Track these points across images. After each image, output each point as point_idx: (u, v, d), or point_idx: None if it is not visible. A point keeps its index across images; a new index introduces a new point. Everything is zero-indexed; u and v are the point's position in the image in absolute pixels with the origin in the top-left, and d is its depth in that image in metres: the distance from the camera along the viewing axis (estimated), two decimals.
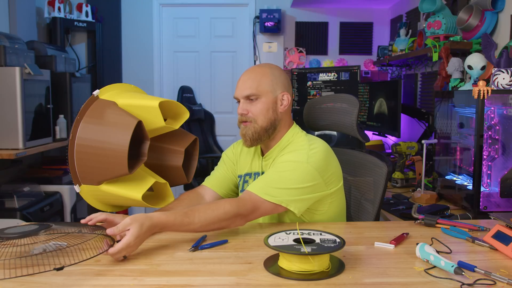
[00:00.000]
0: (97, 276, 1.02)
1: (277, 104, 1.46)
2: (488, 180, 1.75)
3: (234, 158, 1.65)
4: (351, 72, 3.53)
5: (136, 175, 1.40)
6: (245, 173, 1.58)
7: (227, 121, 4.42)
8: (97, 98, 1.38)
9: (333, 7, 4.27)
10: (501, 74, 1.75)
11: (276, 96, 1.46)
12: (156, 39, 4.33)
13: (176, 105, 1.47)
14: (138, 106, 1.38)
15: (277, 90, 1.46)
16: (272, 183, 1.36)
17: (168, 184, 1.49)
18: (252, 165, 1.57)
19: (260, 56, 4.27)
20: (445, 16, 2.58)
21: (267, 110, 1.44)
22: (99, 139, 1.31)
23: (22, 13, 3.30)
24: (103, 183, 1.34)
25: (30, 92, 2.73)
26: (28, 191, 2.83)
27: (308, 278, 1.00)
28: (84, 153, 1.32)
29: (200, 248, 1.19)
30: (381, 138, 3.47)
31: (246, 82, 1.45)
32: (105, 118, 1.34)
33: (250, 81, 1.44)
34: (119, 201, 1.44)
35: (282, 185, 1.35)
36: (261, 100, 1.44)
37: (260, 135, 1.45)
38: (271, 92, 1.45)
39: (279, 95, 1.46)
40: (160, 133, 1.50)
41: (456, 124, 2.01)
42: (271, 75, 1.46)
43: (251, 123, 1.44)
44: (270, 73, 1.46)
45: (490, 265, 1.09)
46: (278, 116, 1.46)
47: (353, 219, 1.70)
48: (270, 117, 1.44)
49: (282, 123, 1.49)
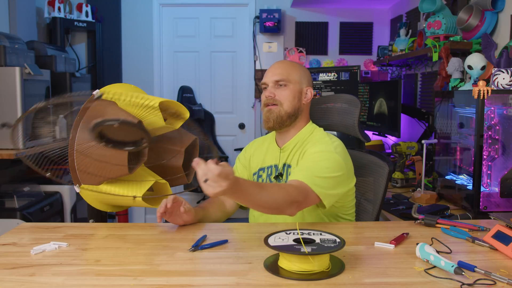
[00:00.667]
0: (97, 276, 1.02)
1: (301, 95, 1.56)
2: (488, 180, 1.75)
3: (245, 161, 1.71)
4: (351, 72, 3.53)
5: (136, 175, 1.40)
6: (259, 168, 1.63)
7: (227, 121, 4.42)
8: (97, 98, 1.38)
9: (333, 7, 4.27)
10: (501, 74, 1.75)
11: (302, 88, 1.57)
12: (156, 39, 4.33)
13: (176, 105, 1.47)
14: (138, 106, 1.37)
15: (303, 83, 1.57)
16: (314, 172, 1.39)
17: (168, 184, 1.49)
18: (266, 159, 1.63)
19: (260, 56, 4.27)
20: (445, 16, 2.58)
21: (293, 97, 1.54)
22: None
23: (22, 13, 3.30)
24: (103, 183, 1.34)
25: (30, 92, 2.73)
26: (28, 191, 2.83)
27: (308, 278, 1.00)
28: (84, 153, 1.32)
29: (200, 248, 1.19)
30: (381, 138, 3.47)
31: (277, 69, 1.56)
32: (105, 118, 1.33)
33: (280, 69, 1.56)
34: (119, 201, 1.44)
35: (320, 173, 1.39)
36: (289, 87, 1.54)
37: (283, 119, 1.53)
38: (298, 83, 1.56)
39: (304, 88, 1.57)
40: (160, 133, 1.50)
41: (456, 124, 2.01)
42: (300, 69, 1.59)
43: (277, 106, 1.53)
44: (299, 67, 1.59)
45: (490, 265, 1.09)
46: (301, 107, 1.56)
47: None
48: (295, 104, 1.54)
49: (303, 115, 1.58)
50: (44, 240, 1.23)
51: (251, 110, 4.38)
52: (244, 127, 4.43)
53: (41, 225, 1.42)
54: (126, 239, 1.29)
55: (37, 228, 1.39)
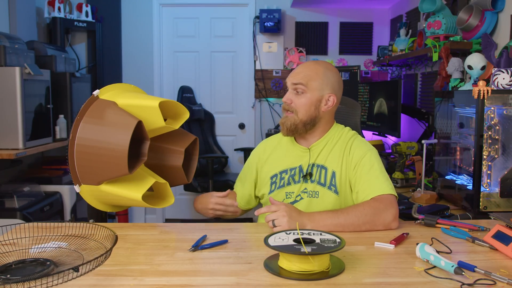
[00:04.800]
0: (97, 276, 1.02)
1: (321, 103, 1.54)
2: (488, 180, 1.75)
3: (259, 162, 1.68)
4: (351, 72, 3.53)
5: (136, 175, 1.40)
6: (280, 171, 1.60)
7: (227, 121, 4.42)
8: (97, 98, 1.38)
9: (333, 7, 4.27)
10: (501, 74, 1.75)
11: (322, 96, 1.53)
12: (156, 39, 4.33)
13: (176, 105, 1.47)
14: (138, 106, 1.37)
15: (325, 90, 1.53)
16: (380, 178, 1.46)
17: (168, 184, 1.49)
18: (287, 161, 1.60)
19: (260, 56, 4.27)
20: (445, 16, 2.58)
21: (310, 106, 1.52)
22: (99, 139, 1.31)
23: (22, 13, 3.30)
24: (103, 183, 1.33)
25: (30, 92, 2.73)
26: (28, 191, 2.83)
27: (308, 278, 1.00)
28: (84, 153, 1.32)
29: (200, 248, 1.19)
30: (381, 138, 3.47)
31: (299, 73, 1.53)
32: (105, 118, 1.34)
33: (302, 74, 1.53)
34: (119, 201, 1.44)
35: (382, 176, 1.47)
36: (306, 95, 1.52)
37: (297, 127, 1.53)
38: (318, 91, 1.53)
39: (325, 95, 1.54)
40: (160, 133, 1.50)
41: (456, 124, 2.00)
42: (323, 75, 1.53)
43: (292, 114, 1.53)
44: (322, 73, 1.54)
45: (490, 265, 1.09)
46: (320, 115, 1.55)
47: None
48: (311, 114, 1.53)
49: (324, 121, 1.57)
50: (44, 240, 1.23)
51: (251, 110, 4.38)
52: (244, 127, 4.43)
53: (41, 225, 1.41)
54: (126, 239, 1.29)
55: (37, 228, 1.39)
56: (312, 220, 1.32)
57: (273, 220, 1.30)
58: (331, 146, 1.55)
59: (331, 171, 1.52)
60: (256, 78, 4.30)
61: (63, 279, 0.90)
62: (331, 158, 1.53)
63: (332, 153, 1.54)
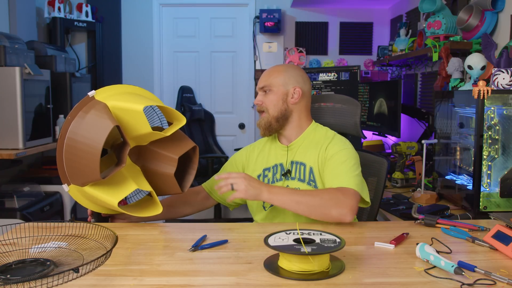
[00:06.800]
0: (97, 276, 1.02)
1: (287, 97, 1.58)
2: (488, 180, 1.75)
3: (246, 161, 1.73)
4: (351, 72, 3.52)
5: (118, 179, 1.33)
6: (264, 169, 1.64)
7: (227, 121, 4.42)
8: (92, 99, 1.34)
9: (333, 7, 4.27)
10: (501, 74, 1.75)
11: (287, 90, 1.59)
12: (156, 39, 4.33)
13: (171, 111, 1.41)
14: (124, 110, 1.31)
15: (289, 84, 1.59)
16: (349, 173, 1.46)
17: (154, 193, 1.41)
18: (270, 159, 1.65)
19: (260, 56, 4.27)
20: (445, 16, 2.58)
21: (278, 101, 1.58)
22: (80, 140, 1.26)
23: (22, 13, 3.30)
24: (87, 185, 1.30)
25: (30, 92, 2.73)
26: (28, 191, 2.83)
27: (308, 278, 1.00)
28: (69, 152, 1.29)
29: (200, 248, 1.19)
30: (381, 138, 3.47)
31: (263, 77, 1.62)
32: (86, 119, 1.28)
33: (264, 76, 1.62)
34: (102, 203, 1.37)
35: (352, 172, 1.47)
36: (273, 91, 1.59)
37: (271, 125, 1.59)
38: (283, 86, 1.59)
39: (290, 89, 1.59)
40: (152, 139, 1.41)
41: (456, 124, 2.00)
42: (285, 72, 1.61)
43: (265, 113, 1.59)
44: (284, 70, 1.62)
45: (490, 265, 1.09)
46: (289, 107, 1.59)
47: None
48: (280, 108, 1.58)
49: (296, 115, 1.60)
50: (44, 240, 1.23)
51: (251, 110, 4.38)
52: (244, 127, 4.43)
53: (41, 225, 1.41)
54: (126, 239, 1.29)
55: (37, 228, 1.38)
56: (270, 191, 1.37)
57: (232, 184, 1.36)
58: (309, 143, 1.59)
59: (309, 167, 1.55)
60: (256, 78, 4.30)
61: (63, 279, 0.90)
62: (309, 154, 1.56)
63: (310, 150, 1.57)
